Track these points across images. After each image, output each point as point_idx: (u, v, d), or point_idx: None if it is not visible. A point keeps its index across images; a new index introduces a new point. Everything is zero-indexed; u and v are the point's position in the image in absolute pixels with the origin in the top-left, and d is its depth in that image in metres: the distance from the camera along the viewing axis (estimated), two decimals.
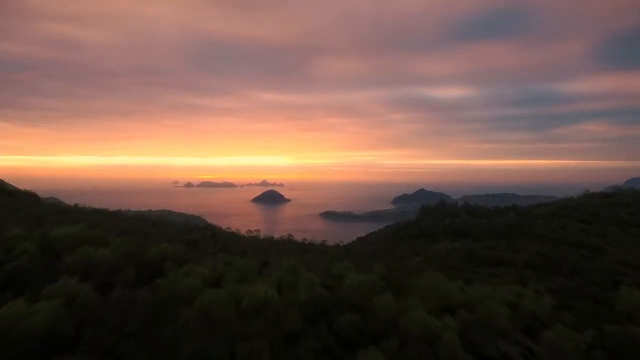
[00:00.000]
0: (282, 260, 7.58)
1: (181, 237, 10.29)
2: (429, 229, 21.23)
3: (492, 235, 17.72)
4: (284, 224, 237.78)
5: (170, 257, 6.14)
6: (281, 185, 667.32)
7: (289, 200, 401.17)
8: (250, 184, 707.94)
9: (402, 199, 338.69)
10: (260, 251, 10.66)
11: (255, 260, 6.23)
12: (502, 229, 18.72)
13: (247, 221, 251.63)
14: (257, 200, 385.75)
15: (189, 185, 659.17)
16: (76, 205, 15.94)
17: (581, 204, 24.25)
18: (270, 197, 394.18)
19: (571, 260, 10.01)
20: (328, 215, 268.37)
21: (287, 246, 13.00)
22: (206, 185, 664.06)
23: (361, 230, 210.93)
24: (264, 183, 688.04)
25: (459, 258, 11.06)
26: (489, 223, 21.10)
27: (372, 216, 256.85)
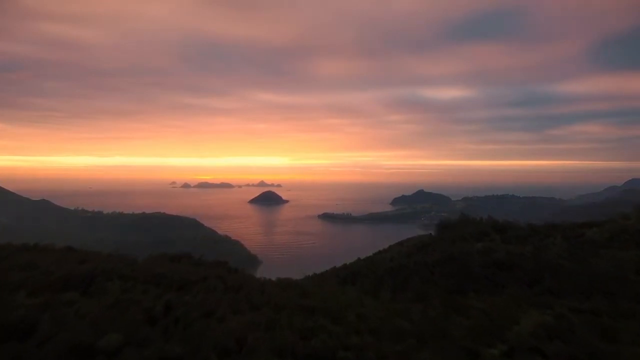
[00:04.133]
0: None
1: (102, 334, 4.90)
2: (459, 260, 15.76)
3: (559, 280, 12.14)
4: (282, 227, 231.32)
5: None
6: (279, 186, 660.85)
7: (287, 201, 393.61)
8: (247, 185, 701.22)
9: (401, 200, 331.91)
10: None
11: None
12: (568, 268, 13.18)
13: (245, 223, 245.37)
14: (254, 201, 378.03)
15: (186, 185, 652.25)
16: None
17: None
18: (268, 198, 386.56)
19: None
20: (326, 217, 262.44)
21: (284, 304, 7.57)
22: (204, 185, 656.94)
23: (361, 233, 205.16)
24: (262, 184, 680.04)
25: None
26: (539, 254, 15.94)
27: (371, 218, 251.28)
